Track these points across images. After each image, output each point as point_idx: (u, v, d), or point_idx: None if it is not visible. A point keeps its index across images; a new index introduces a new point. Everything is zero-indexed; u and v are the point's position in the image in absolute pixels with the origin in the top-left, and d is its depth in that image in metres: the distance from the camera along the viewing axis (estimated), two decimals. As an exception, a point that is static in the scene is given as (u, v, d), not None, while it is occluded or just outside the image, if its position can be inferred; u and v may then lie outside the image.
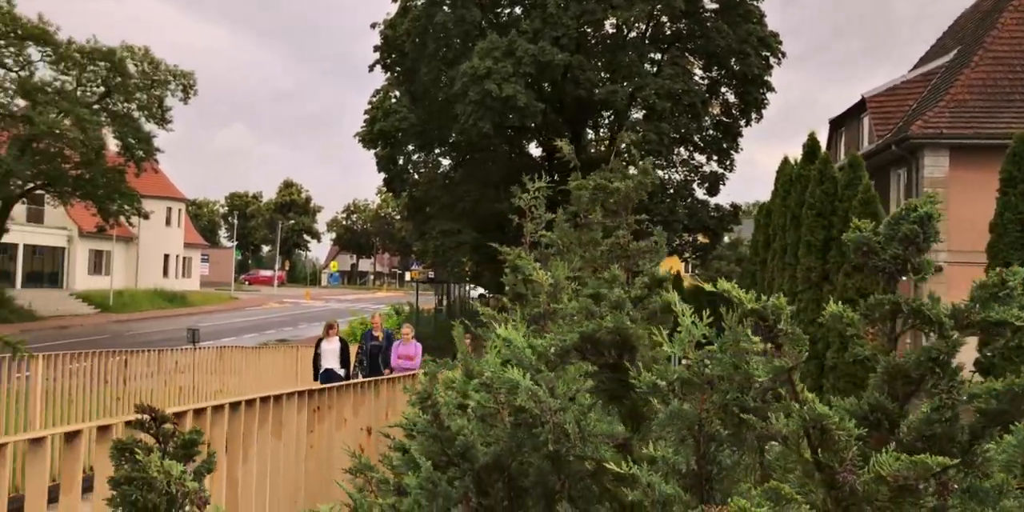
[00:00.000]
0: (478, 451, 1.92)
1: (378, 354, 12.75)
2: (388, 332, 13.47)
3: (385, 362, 12.60)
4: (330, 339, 12.70)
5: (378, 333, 13.26)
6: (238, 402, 2.79)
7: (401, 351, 12.71)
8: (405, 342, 12.93)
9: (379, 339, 13.06)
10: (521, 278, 3.61)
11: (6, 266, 40.36)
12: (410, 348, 12.77)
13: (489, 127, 26.26)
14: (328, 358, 12.43)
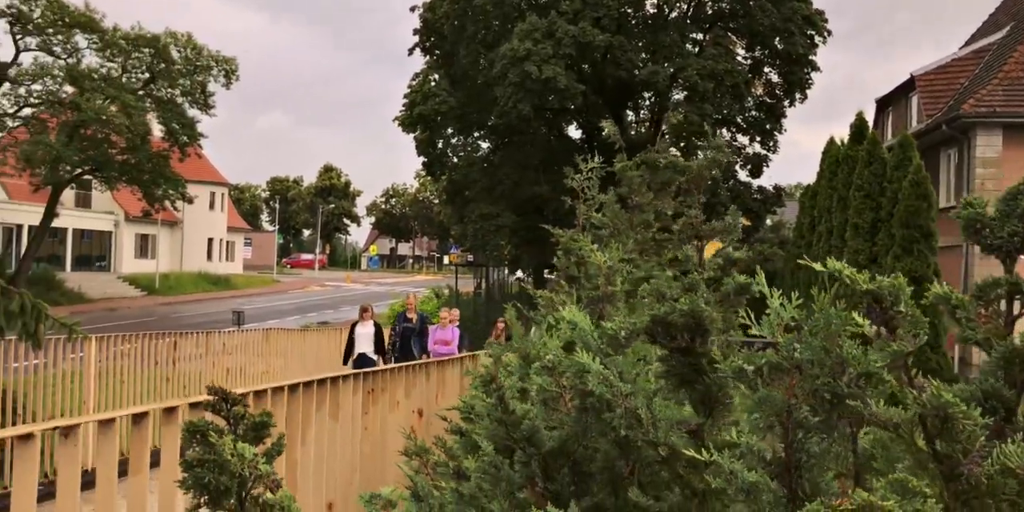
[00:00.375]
0: (544, 436, 1.88)
1: (411, 337, 12.25)
2: (423, 315, 12.88)
3: (421, 347, 12.11)
4: (364, 323, 12.20)
5: (412, 315, 12.70)
6: (296, 384, 2.79)
7: (438, 336, 12.31)
8: (443, 327, 12.52)
9: (413, 322, 12.51)
10: (574, 261, 3.57)
11: (56, 250, 41.34)
12: (447, 333, 12.33)
13: (529, 109, 26.11)
14: (362, 342, 11.95)
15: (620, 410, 1.68)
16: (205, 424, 1.42)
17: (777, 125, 31.81)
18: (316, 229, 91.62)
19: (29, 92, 30.10)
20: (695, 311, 1.63)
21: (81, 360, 7.95)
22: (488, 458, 2.03)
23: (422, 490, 2.22)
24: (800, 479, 1.26)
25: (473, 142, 33.73)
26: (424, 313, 13.33)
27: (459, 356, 5.24)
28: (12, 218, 37.15)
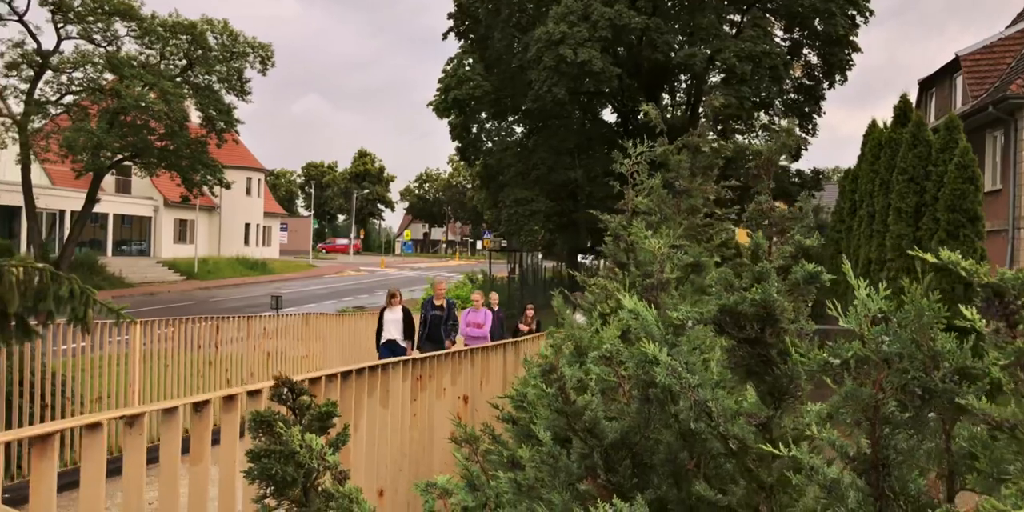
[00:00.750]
0: (605, 427, 1.85)
1: (439, 324, 11.88)
2: (451, 301, 12.42)
3: (447, 333, 11.86)
4: (393, 308, 11.88)
5: (440, 301, 12.23)
6: (349, 371, 2.78)
7: (470, 318, 12.24)
8: (475, 309, 12.50)
9: (441, 308, 12.09)
10: (624, 247, 3.51)
11: (97, 235, 42.07)
12: (480, 315, 12.25)
13: (564, 93, 25.91)
14: (390, 329, 11.64)
15: (688, 402, 1.64)
16: (271, 414, 1.40)
17: (816, 107, 31.28)
18: (350, 214, 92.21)
19: (71, 80, 30.55)
20: (767, 301, 1.58)
21: (126, 343, 8.07)
22: (546, 448, 2.01)
23: (477, 479, 2.20)
24: (888, 477, 1.21)
25: (507, 126, 33.63)
26: (452, 299, 12.78)
27: (502, 343, 5.20)
28: (55, 204, 37.85)
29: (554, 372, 1.89)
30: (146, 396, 8.31)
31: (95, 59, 29.90)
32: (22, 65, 29.52)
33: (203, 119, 32.20)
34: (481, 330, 12.05)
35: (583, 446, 1.86)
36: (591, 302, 3.31)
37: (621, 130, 32.83)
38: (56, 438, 1.51)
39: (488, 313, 12.32)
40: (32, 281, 5.44)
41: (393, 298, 11.89)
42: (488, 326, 12.13)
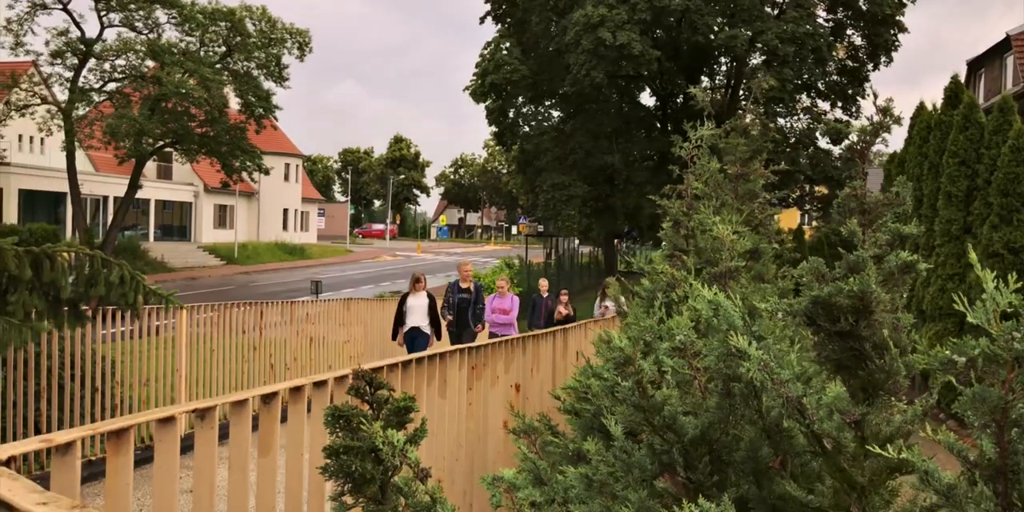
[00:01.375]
0: (685, 423, 1.77)
1: (466, 308, 11.31)
2: (478, 284, 11.77)
3: (476, 318, 11.34)
4: (417, 294, 11.19)
5: (466, 284, 11.55)
6: (409, 361, 2.74)
7: (496, 304, 11.77)
8: (501, 295, 11.97)
9: (468, 291, 11.46)
10: (684, 233, 3.42)
11: (139, 220, 42.77)
12: (506, 301, 11.82)
13: (602, 77, 25.65)
14: (415, 315, 10.99)
15: (772, 397, 1.56)
16: (349, 409, 1.35)
17: (860, 89, 30.61)
18: (386, 199, 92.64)
19: (113, 67, 30.93)
20: (864, 292, 1.49)
21: (171, 327, 8.15)
22: (618, 444, 1.94)
23: (544, 473, 2.14)
24: (1017, 485, 1.12)
25: (544, 111, 33.42)
26: (479, 283, 12.28)
27: (552, 330, 5.13)
28: (99, 190, 38.52)
29: (631, 365, 1.82)
30: (192, 381, 8.40)
31: (137, 46, 30.23)
32: (67, 53, 29.96)
33: (242, 105, 32.44)
34: (507, 316, 11.62)
35: (661, 442, 1.79)
36: (650, 290, 3.23)
37: (660, 114, 32.47)
38: (132, 433, 1.48)
39: (515, 299, 11.90)
40: (83, 267, 5.49)
41: (417, 283, 11.23)
42: (515, 312, 11.72)
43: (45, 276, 5.29)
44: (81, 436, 1.35)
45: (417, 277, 11.35)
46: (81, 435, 1.35)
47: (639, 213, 30.61)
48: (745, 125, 7.64)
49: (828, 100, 30.91)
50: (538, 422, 2.90)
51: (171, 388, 8.19)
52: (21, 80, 29.99)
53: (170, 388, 8.19)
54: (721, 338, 1.76)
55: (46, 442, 1.30)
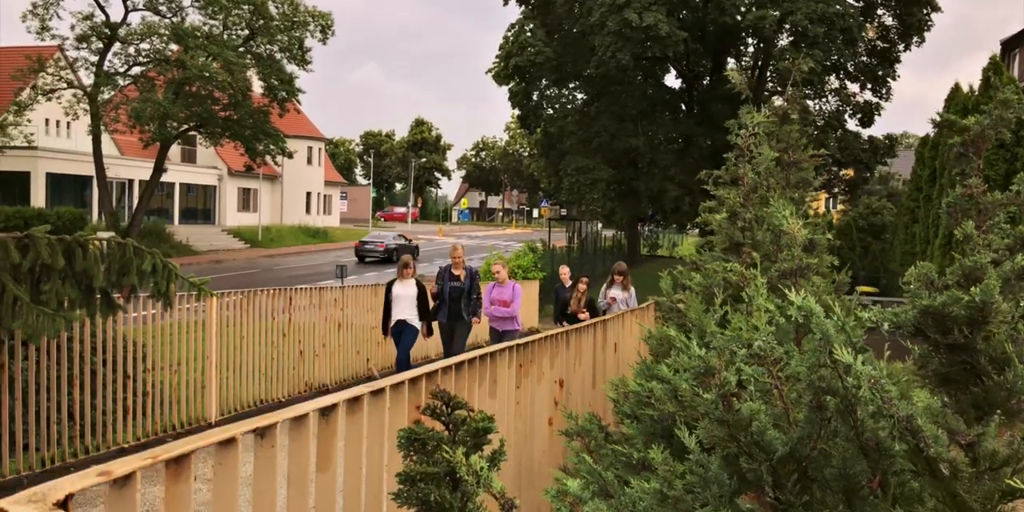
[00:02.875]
0: (774, 439, 1.65)
1: (459, 298, 9.90)
2: (472, 270, 10.24)
3: (470, 309, 9.95)
4: (404, 281, 9.86)
5: (459, 271, 10.06)
6: (461, 362, 2.64)
7: (495, 295, 10.20)
8: (501, 284, 10.27)
9: (461, 279, 9.99)
10: (741, 225, 3.27)
11: (164, 204, 43.01)
12: (506, 291, 10.21)
13: (628, 59, 25.30)
14: (402, 306, 9.73)
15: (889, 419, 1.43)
16: (426, 432, 1.24)
17: (890, 71, 30.04)
18: (408, 183, 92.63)
19: (138, 51, 30.97)
20: (986, 302, 1.36)
21: (197, 311, 8.11)
22: (694, 457, 1.82)
23: (611, 486, 2.03)
24: None
25: (568, 93, 33.11)
26: (473, 268, 10.46)
27: (594, 322, 4.98)
28: (124, 173, 38.74)
29: (713, 375, 1.69)
30: (223, 367, 8.38)
31: (161, 30, 30.22)
32: (92, 37, 30.02)
33: (265, 89, 32.40)
34: (508, 309, 10.12)
35: (747, 459, 1.67)
36: (705, 284, 3.09)
37: (685, 96, 32.06)
38: (192, 459, 1.38)
39: (517, 288, 10.38)
40: (116, 255, 5.44)
41: (406, 269, 9.92)
42: (517, 304, 10.22)
43: (78, 265, 5.24)
44: (141, 466, 1.25)
45: (405, 262, 10.10)
46: (141, 465, 1.25)
47: (663, 196, 30.34)
48: (785, 110, 7.43)
49: (857, 82, 30.36)
50: (590, 423, 2.79)
51: (201, 373, 8.17)
52: (47, 64, 30.11)
53: (200, 373, 8.16)
54: (813, 348, 1.62)
55: (105, 475, 1.20)
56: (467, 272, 10.09)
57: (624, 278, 10.98)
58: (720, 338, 1.73)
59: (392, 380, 2.09)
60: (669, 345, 3.06)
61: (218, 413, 8.29)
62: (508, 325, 10.28)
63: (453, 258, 10.22)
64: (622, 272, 11.05)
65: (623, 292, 10.89)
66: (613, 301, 10.68)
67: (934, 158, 18.35)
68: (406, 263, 10.09)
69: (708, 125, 29.13)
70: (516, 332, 10.16)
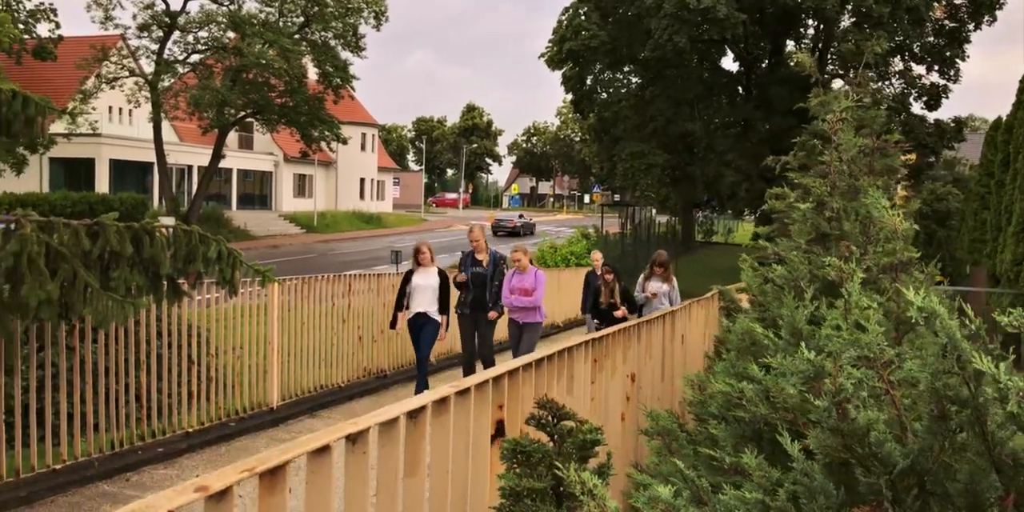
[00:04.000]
0: (893, 451, 1.53)
1: (483, 285, 9.02)
2: (496, 255, 9.18)
3: (494, 298, 9.04)
4: (424, 270, 8.86)
5: (482, 255, 9.14)
6: (541, 359, 2.56)
7: (516, 283, 9.03)
8: (520, 270, 9.09)
9: (484, 265, 9.07)
10: (828, 216, 3.12)
11: (222, 189, 43.82)
12: (528, 279, 9.03)
13: (685, 41, 24.84)
14: (421, 297, 8.76)
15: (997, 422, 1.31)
16: (531, 444, 1.15)
17: (959, 51, 28.96)
18: (459, 168, 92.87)
19: (196, 39, 31.49)
20: None
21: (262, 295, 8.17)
22: (799, 466, 1.71)
23: (704, 493, 1.93)
24: None
25: (623, 77, 32.67)
26: (498, 253, 9.30)
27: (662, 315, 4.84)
28: (184, 159, 39.53)
29: (827, 381, 1.58)
30: (285, 353, 8.46)
31: (218, 18, 30.65)
32: (152, 26, 30.59)
33: (320, 75, 32.66)
34: (530, 299, 9.00)
35: (863, 471, 1.55)
36: (789, 278, 2.96)
37: (744, 79, 31.40)
38: (287, 470, 1.32)
39: (540, 275, 9.17)
40: (182, 242, 5.48)
41: (422, 254, 8.84)
42: (540, 293, 9.06)
43: (145, 252, 5.30)
44: (238, 480, 1.20)
45: (420, 247, 8.93)
46: (237, 479, 1.20)
47: (719, 182, 29.82)
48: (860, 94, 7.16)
49: (923, 63, 29.35)
50: (672, 422, 2.69)
51: (263, 358, 8.25)
52: (111, 53, 30.80)
53: (262, 358, 8.25)
54: (936, 353, 1.50)
55: (202, 491, 1.15)
56: (491, 257, 9.14)
57: (665, 270, 9.78)
58: (836, 341, 1.62)
59: (476, 379, 2.02)
60: (751, 341, 2.93)
61: (279, 398, 8.38)
62: (530, 316, 9.19)
63: (473, 241, 9.24)
64: (663, 263, 9.83)
65: (664, 285, 9.77)
66: (654, 296, 9.65)
67: (1008, 142, 17.62)
68: (420, 249, 8.90)
69: (766, 109, 28.49)
70: (539, 325, 9.36)
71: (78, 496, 5.68)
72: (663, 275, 9.76)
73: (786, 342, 2.50)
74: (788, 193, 6.91)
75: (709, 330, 6.89)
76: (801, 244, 3.54)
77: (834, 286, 3.05)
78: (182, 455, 6.74)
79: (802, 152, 8.00)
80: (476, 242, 9.21)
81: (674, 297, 9.69)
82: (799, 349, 1.69)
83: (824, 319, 2.53)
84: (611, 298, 10.02)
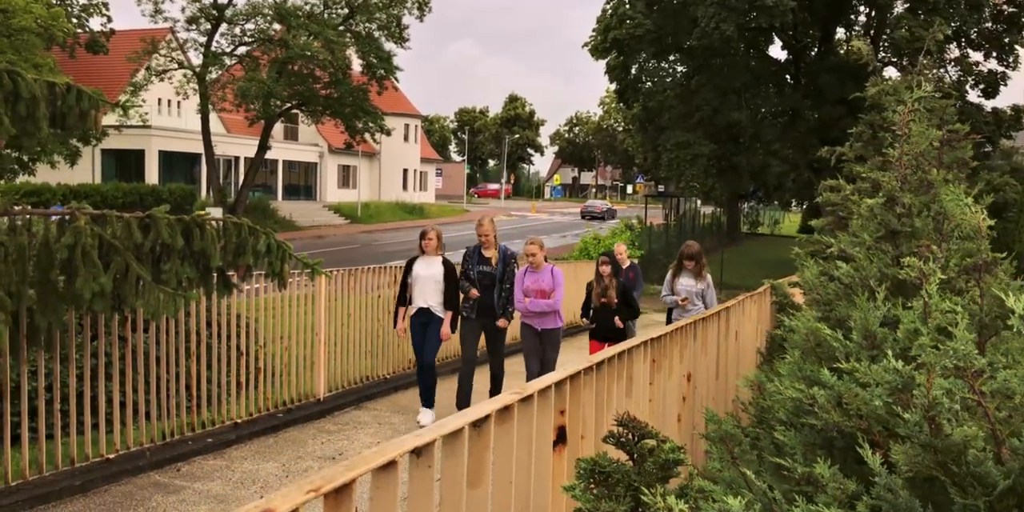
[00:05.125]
0: (991, 470, 1.43)
1: (492, 286, 7.82)
2: (507, 252, 7.94)
3: (502, 302, 7.84)
4: (428, 259, 7.81)
5: (490, 252, 7.93)
6: (601, 362, 2.49)
7: (529, 283, 7.66)
8: (535, 268, 7.69)
9: (492, 263, 7.85)
10: (900, 212, 2.98)
11: (268, 180, 44.38)
12: (544, 278, 7.65)
13: (732, 29, 24.40)
14: (424, 290, 7.72)
15: None
16: (610, 464, 1.08)
17: (1018, 37, 28.02)
18: (501, 159, 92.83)
19: (243, 31, 31.83)
20: None
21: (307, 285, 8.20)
22: (882, 481, 1.62)
23: (778, 506, 1.83)
24: None
25: (668, 66, 32.25)
26: (508, 249, 8.02)
27: (717, 310, 4.69)
28: (230, 151, 40.09)
29: (920, 393, 1.48)
30: (332, 343, 8.49)
31: (264, 10, 30.93)
32: (200, 19, 30.99)
33: (364, 67, 32.80)
34: (549, 302, 7.63)
35: (959, 491, 1.45)
36: (858, 277, 2.83)
37: (792, 68, 30.80)
38: (353, 488, 1.27)
39: (557, 274, 7.68)
40: (232, 235, 5.50)
41: (428, 241, 7.77)
42: (559, 294, 7.65)
43: (195, 244, 5.32)
44: (304, 501, 1.15)
45: (428, 233, 7.84)
46: (304, 500, 1.15)
47: (765, 172, 29.33)
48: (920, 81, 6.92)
49: (981, 50, 28.46)
50: (734, 427, 2.59)
51: (311, 349, 8.28)
52: (160, 46, 31.27)
53: (309, 349, 8.28)
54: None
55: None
56: (501, 253, 7.88)
57: (696, 264, 8.24)
58: (930, 353, 1.51)
59: (538, 385, 1.95)
60: (816, 342, 2.81)
61: (326, 389, 8.42)
62: (548, 322, 7.81)
63: (481, 235, 7.95)
64: (693, 255, 8.25)
65: (696, 283, 8.24)
66: (684, 301, 8.17)
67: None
68: (427, 234, 7.82)
69: (815, 98, 27.90)
70: (560, 330, 7.98)
71: (130, 486, 5.76)
72: (694, 270, 8.25)
73: (858, 345, 2.39)
74: (843, 185, 6.70)
75: (761, 326, 6.74)
76: (865, 240, 3.40)
77: (904, 286, 2.92)
78: (231, 446, 6.80)
79: (859, 143, 7.77)
80: (486, 237, 7.93)
81: (709, 297, 8.22)
82: (882, 356, 1.58)
83: (899, 321, 2.41)
84: (603, 298, 8.17)
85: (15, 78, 4.75)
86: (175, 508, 5.38)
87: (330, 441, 7.16)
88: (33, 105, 4.83)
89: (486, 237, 7.97)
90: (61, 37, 25.77)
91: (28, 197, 27.23)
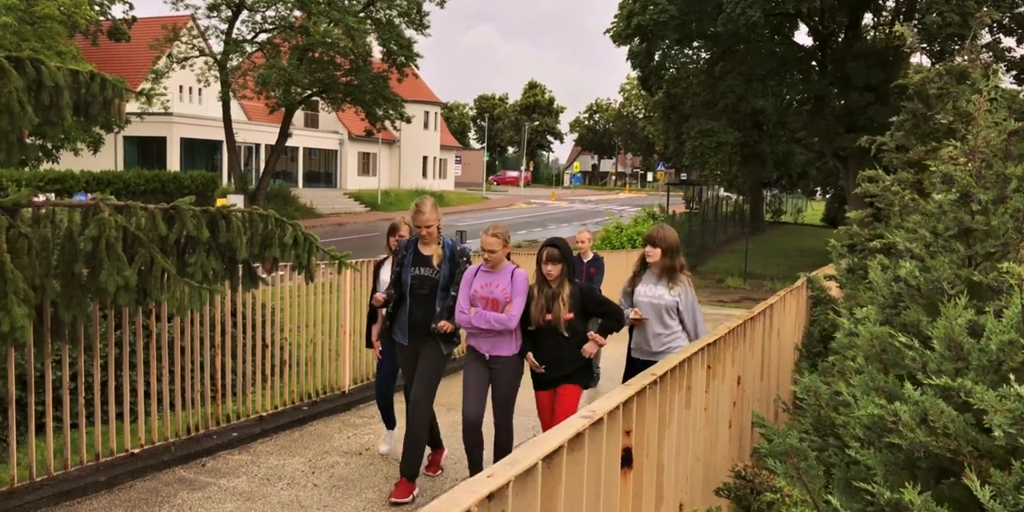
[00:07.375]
0: None
1: (430, 296, 5.53)
2: (457, 248, 5.60)
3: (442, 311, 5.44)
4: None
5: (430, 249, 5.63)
6: (664, 374, 2.33)
7: (481, 286, 5.28)
8: (490, 268, 5.30)
9: (432, 262, 5.54)
10: (977, 209, 2.79)
11: (289, 167, 44.41)
12: (499, 281, 5.26)
13: (759, 15, 23.96)
14: None
15: None
16: None
17: (1053, 22, 27.34)
18: (521, 146, 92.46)
19: (264, 18, 31.72)
20: None
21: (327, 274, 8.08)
22: None
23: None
24: None
25: (692, 53, 31.80)
26: (456, 244, 5.66)
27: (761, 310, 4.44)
28: (251, 138, 40.12)
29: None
30: (357, 335, 8.37)
31: (285, -3, 30.80)
32: (221, 6, 30.90)
33: (384, 54, 32.62)
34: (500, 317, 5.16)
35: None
36: (930, 279, 2.65)
37: (818, 54, 30.28)
38: None
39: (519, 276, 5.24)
40: (258, 227, 5.37)
41: (398, 235, 6.20)
42: (518, 305, 5.16)
43: (221, 237, 5.20)
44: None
45: (395, 225, 6.27)
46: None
47: (789, 160, 29.00)
48: (965, 68, 6.66)
49: (1013, 35, 27.80)
50: (799, 441, 2.42)
51: (336, 340, 8.17)
52: (181, 33, 31.24)
53: (334, 340, 8.16)
54: None
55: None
56: (446, 250, 5.56)
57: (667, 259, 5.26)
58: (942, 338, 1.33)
59: (606, 406, 1.79)
60: (881, 348, 2.64)
61: (351, 381, 8.32)
62: (501, 346, 5.32)
63: (423, 227, 5.50)
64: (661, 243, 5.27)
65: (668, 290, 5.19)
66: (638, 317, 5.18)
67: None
68: (395, 227, 6.26)
69: (842, 85, 27.40)
70: (515, 360, 5.35)
71: (156, 481, 5.68)
72: (662, 270, 5.28)
73: (940, 355, 2.21)
74: (883, 176, 6.47)
75: (799, 321, 6.54)
76: (925, 236, 3.21)
77: (979, 289, 2.73)
78: (256, 440, 6.71)
79: (900, 132, 7.51)
80: (427, 228, 5.50)
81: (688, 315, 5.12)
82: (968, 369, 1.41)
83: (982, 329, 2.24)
84: (547, 312, 5.14)
85: (38, 66, 4.62)
86: (201, 505, 5.29)
87: (356, 436, 7.05)
88: (57, 94, 4.71)
89: (427, 228, 5.50)
90: (83, 24, 25.79)
91: (52, 184, 27.34)
